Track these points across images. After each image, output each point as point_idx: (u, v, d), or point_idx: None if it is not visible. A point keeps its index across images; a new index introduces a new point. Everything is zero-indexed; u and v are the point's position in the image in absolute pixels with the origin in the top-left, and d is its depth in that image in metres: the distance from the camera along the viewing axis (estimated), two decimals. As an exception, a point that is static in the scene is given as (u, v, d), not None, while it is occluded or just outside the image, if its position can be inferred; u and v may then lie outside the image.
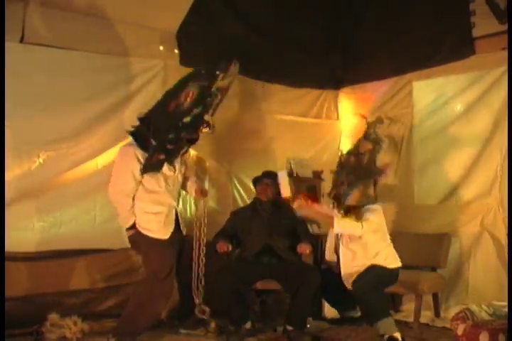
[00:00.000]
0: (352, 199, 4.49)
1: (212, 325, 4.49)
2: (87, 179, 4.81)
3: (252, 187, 5.29)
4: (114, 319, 4.46)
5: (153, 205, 4.22)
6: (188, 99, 4.20)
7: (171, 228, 4.28)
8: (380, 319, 4.14)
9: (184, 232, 4.46)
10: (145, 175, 4.18)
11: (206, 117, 4.23)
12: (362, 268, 4.36)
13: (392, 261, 4.47)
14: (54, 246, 4.64)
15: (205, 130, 4.26)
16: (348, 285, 4.37)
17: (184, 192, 4.69)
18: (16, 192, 4.41)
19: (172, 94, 4.27)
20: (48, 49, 4.58)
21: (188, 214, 5.15)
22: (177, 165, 4.34)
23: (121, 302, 4.86)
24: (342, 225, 4.35)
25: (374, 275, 4.31)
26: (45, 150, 4.59)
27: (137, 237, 4.22)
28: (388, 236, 4.56)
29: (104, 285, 4.86)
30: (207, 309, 4.52)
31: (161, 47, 5.15)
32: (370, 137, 4.70)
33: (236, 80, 5.41)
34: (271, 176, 4.93)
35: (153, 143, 4.16)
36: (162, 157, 4.21)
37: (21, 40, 4.44)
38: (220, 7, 5.52)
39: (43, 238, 4.59)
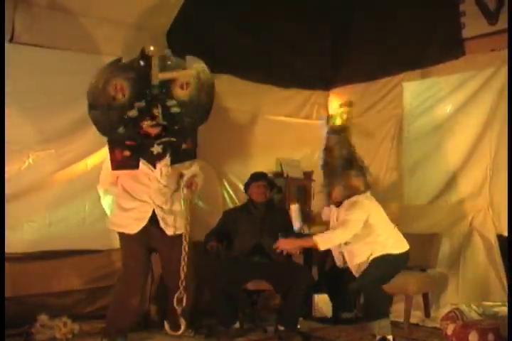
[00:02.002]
0: (335, 195, 4.46)
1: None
2: (77, 179, 4.80)
3: (241, 188, 5.29)
4: (104, 320, 4.45)
5: (127, 201, 4.29)
6: (120, 93, 4.18)
7: (142, 224, 4.27)
8: (379, 318, 4.15)
9: (172, 232, 4.36)
10: (121, 173, 4.25)
11: (155, 111, 4.15)
12: (371, 256, 4.32)
13: (400, 245, 4.44)
14: (43, 246, 4.63)
15: (148, 122, 4.18)
16: (357, 274, 4.35)
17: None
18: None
19: (95, 89, 4.20)
20: (37, 49, 4.56)
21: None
22: (158, 165, 4.30)
23: (112, 303, 4.87)
24: (325, 243, 4.26)
25: (380, 269, 4.27)
26: (35, 150, 4.58)
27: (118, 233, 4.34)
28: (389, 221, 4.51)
29: (94, 286, 4.85)
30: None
31: (152, 48, 5.12)
32: (332, 130, 4.67)
33: (226, 80, 5.50)
34: (263, 177, 4.95)
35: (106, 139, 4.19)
36: (127, 154, 4.19)
37: (11, 40, 4.41)
38: (210, 7, 5.51)
39: (32, 238, 4.58)
